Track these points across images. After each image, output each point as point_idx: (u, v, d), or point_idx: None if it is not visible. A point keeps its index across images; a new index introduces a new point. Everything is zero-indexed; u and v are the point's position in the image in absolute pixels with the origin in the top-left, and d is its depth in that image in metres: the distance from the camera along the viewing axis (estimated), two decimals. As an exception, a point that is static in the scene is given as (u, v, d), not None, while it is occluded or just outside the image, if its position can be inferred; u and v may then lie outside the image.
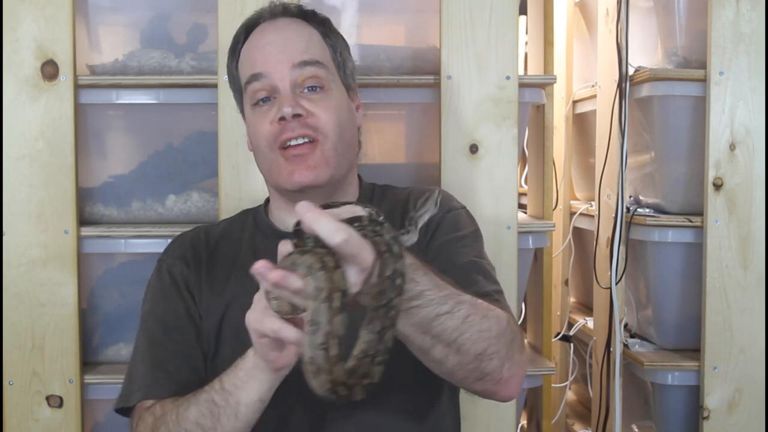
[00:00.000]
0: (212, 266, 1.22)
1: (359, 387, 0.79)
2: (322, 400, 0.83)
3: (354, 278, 0.81)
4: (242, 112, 1.26)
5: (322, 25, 1.24)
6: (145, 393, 1.14)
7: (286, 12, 1.24)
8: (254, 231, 1.26)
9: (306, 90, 1.18)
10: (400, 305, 0.82)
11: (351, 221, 0.82)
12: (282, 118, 1.15)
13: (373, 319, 0.80)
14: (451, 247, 1.17)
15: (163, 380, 1.14)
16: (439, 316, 0.92)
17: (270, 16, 1.23)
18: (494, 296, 1.09)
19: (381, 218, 0.85)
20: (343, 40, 1.27)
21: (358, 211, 0.87)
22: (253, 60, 1.20)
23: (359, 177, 1.29)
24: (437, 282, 0.92)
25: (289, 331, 0.84)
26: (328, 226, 0.79)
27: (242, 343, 0.99)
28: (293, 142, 1.16)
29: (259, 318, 0.87)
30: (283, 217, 1.23)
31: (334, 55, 1.23)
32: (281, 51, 1.18)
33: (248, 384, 0.97)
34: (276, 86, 1.17)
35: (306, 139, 1.15)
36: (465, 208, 1.26)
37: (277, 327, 0.85)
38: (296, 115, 1.15)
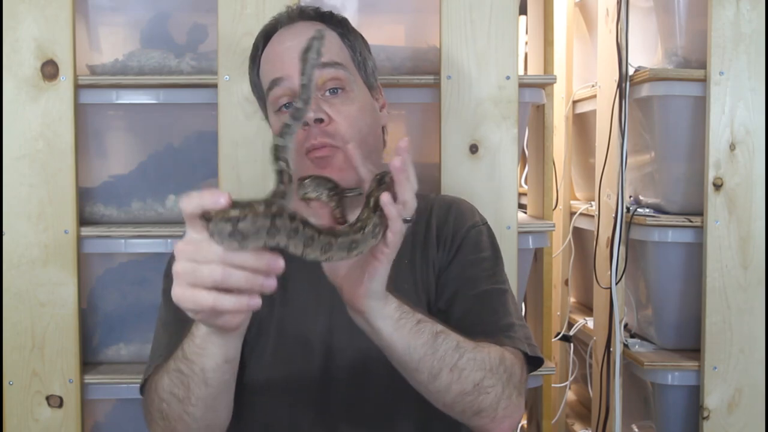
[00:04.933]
0: None
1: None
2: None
3: None
4: (267, 119, 1.26)
5: (340, 26, 1.24)
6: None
7: (303, 15, 1.23)
8: None
9: (327, 93, 1.17)
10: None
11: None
12: (305, 124, 1.14)
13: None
14: (470, 270, 1.18)
15: None
16: (438, 334, 0.97)
17: (288, 20, 1.23)
18: (505, 333, 1.11)
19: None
20: (362, 39, 1.26)
21: None
22: (273, 66, 1.20)
23: None
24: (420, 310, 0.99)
25: (226, 301, 0.78)
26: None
27: (261, 328, 1.05)
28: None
29: (188, 295, 0.79)
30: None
31: (354, 56, 1.23)
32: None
33: (207, 350, 0.92)
34: (296, 90, 1.14)
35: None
36: (486, 223, 1.25)
37: (211, 300, 0.78)
38: (318, 120, 1.14)
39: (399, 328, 0.93)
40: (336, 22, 1.24)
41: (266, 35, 1.24)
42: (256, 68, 1.25)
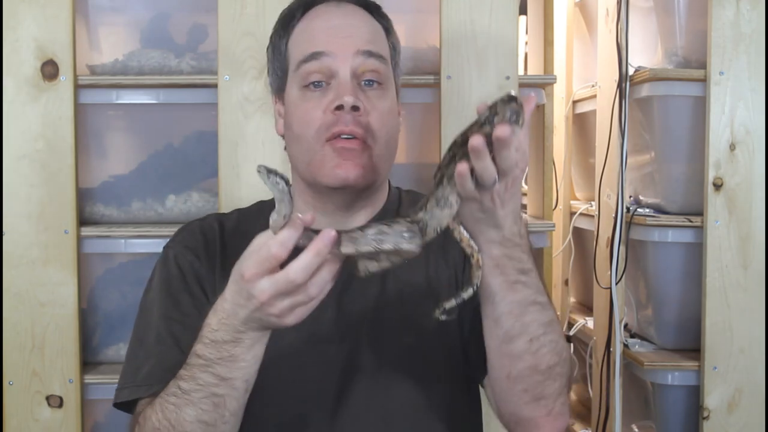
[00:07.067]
0: (226, 260, 1.12)
1: None
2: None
3: None
4: (278, 91, 1.16)
5: (387, 21, 1.18)
6: (150, 392, 1.08)
7: None
8: None
9: (363, 83, 1.10)
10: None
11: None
12: (339, 107, 1.06)
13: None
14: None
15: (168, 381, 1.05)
16: (535, 303, 0.94)
17: None
18: None
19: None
20: (399, 42, 1.21)
21: None
22: (315, 38, 1.11)
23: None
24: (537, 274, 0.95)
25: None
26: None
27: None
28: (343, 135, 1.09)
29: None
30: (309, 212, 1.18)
31: (393, 55, 1.18)
32: (348, 35, 1.10)
33: (248, 358, 0.92)
34: (335, 70, 1.09)
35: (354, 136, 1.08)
36: None
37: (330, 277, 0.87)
38: (354, 108, 1.06)
39: (496, 275, 0.91)
40: (383, 16, 1.18)
41: (306, 5, 1.15)
42: (286, 37, 1.15)
